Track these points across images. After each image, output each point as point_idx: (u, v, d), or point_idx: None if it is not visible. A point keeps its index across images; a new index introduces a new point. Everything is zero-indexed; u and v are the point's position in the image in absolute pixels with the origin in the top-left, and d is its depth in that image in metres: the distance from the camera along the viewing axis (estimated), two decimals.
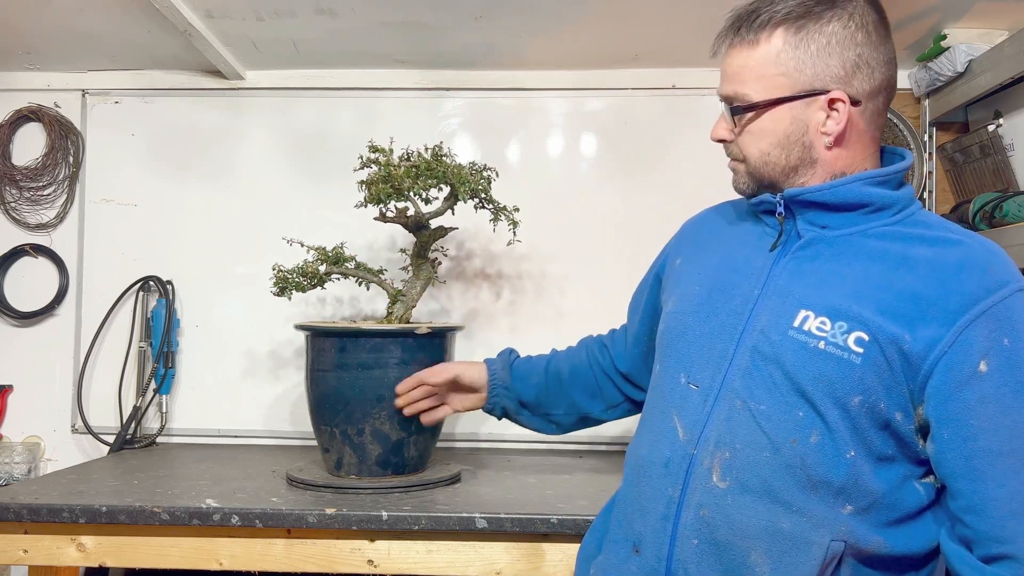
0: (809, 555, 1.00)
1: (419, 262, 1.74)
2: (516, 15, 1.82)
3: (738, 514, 1.03)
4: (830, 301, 1.04)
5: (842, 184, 1.08)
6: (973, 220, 1.80)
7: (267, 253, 1.93)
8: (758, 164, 1.13)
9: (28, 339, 2.21)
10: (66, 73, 2.23)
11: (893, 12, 1.77)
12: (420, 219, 1.70)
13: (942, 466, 1.00)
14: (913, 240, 1.06)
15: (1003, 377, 0.97)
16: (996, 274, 1.01)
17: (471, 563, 1.46)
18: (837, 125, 1.07)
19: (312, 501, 1.51)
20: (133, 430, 2.10)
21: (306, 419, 1.74)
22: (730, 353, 1.09)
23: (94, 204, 2.22)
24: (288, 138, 2.19)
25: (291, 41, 1.99)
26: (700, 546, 1.05)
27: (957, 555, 1.00)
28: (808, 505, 1.01)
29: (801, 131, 1.09)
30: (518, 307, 2.13)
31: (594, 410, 1.53)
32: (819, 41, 1.06)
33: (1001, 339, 0.97)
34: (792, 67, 1.07)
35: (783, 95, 1.08)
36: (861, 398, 1.00)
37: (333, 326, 1.70)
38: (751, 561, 1.03)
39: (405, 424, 1.62)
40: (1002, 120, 1.85)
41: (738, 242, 1.20)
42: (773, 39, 1.08)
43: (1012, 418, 0.96)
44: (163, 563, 1.49)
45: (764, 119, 1.10)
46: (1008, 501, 0.96)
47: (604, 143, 2.16)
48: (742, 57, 1.10)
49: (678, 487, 1.08)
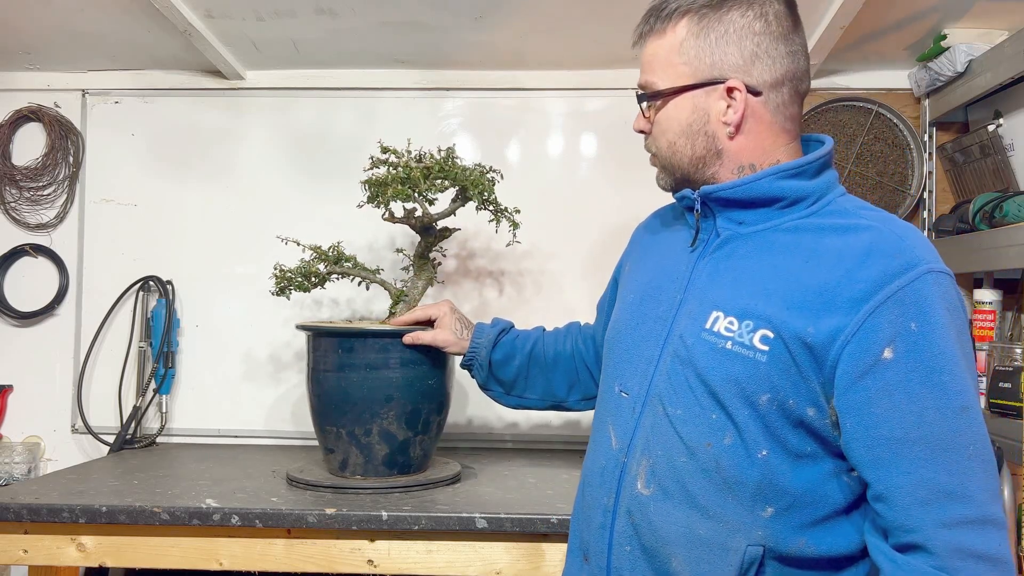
0: (725, 561, 1.00)
1: (421, 263, 1.74)
2: (516, 15, 1.82)
3: (659, 520, 1.04)
4: (740, 300, 1.03)
5: (754, 180, 1.07)
6: (973, 220, 1.80)
7: (267, 253, 1.93)
8: (667, 155, 1.13)
9: (28, 339, 2.21)
10: (66, 73, 2.23)
11: (893, 12, 1.78)
12: (428, 220, 1.70)
13: (851, 456, 0.98)
14: (824, 231, 1.04)
15: (910, 363, 0.94)
16: (904, 257, 0.97)
17: (471, 563, 1.46)
18: (735, 114, 1.07)
19: (312, 501, 1.51)
20: (133, 430, 2.10)
21: (306, 419, 1.74)
22: (655, 359, 1.09)
23: (94, 204, 2.22)
24: (288, 138, 2.19)
25: (291, 41, 1.99)
26: (632, 552, 1.07)
27: (873, 545, 0.98)
28: (725, 509, 1.01)
29: (703, 120, 1.09)
30: (519, 306, 2.14)
31: (569, 399, 1.55)
32: (718, 30, 1.07)
33: (908, 324, 0.94)
34: (693, 56, 1.08)
35: (685, 83, 1.09)
36: (769, 396, 0.99)
37: (336, 326, 1.70)
38: (673, 568, 1.03)
39: (412, 424, 1.62)
40: (1002, 120, 1.85)
41: (669, 245, 1.20)
42: (678, 28, 1.09)
43: (919, 404, 0.93)
44: (163, 563, 1.49)
45: (669, 108, 1.11)
46: (914, 489, 0.93)
47: (604, 143, 2.16)
48: (653, 47, 1.12)
49: (612, 495, 1.10)
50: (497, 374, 1.56)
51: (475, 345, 1.56)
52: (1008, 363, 1.67)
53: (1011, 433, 1.57)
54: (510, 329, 1.60)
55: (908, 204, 2.09)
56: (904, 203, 2.09)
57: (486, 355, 1.54)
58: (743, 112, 1.07)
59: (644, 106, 1.15)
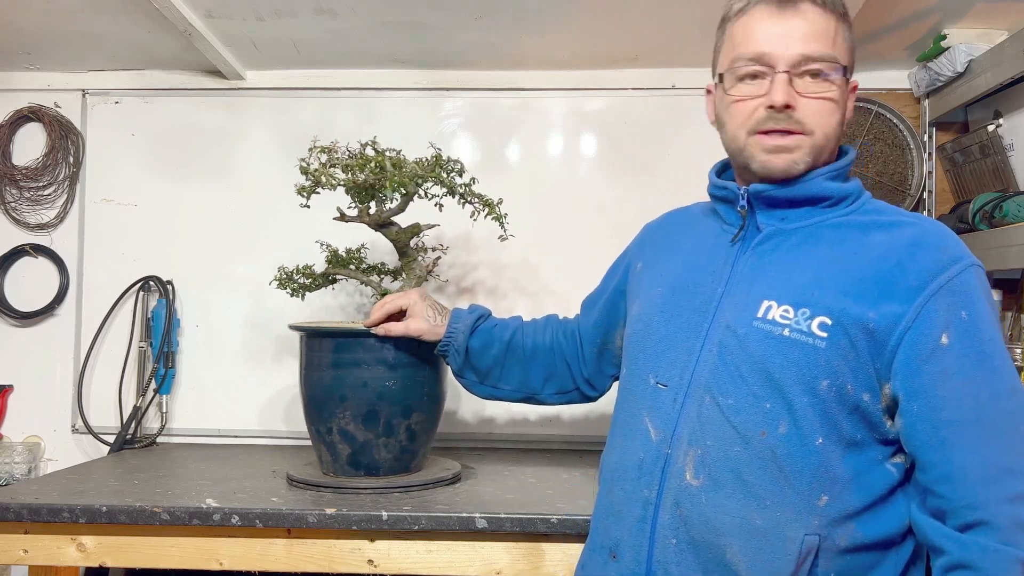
0: (784, 550, 1.01)
1: (406, 261, 1.73)
2: (516, 15, 1.82)
3: (712, 511, 1.04)
4: (792, 290, 1.06)
5: (805, 180, 1.10)
6: (973, 220, 1.80)
7: (267, 253, 1.93)
8: (830, 134, 1.11)
9: (28, 339, 2.21)
10: (66, 73, 2.23)
11: (893, 12, 1.78)
12: (379, 218, 1.68)
13: (912, 439, 1.01)
14: (867, 227, 1.09)
15: (963, 349, 0.99)
16: (950, 251, 1.03)
17: (471, 563, 1.46)
18: (851, 109, 1.14)
19: (312, 501, 1.51)
20: (133, 430, 2.10)
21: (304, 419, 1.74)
22: (697, 350, 1.10)
23: (94, 204, 2.22)
24: (288, 138, 2.19)
25: (291, 41, 1.99)
26: (679, 545, 1.06)
27: (931, 527, 1.01)
28: (782, 499, 1.02)
29: (844, 111, 1.13)
30: (517, 306, 2.13)
31: (543, 391, 1.55)
32: (851, 32, 1.14)
33: (959, 312, 1.00)
34: (849, 44, 1.12)
35: (851, 65, 1.12)
36: (828, 381, 1.02)
37: (323, 326, 1.70)
38: (727, 559, 1.03)
39: (370, 425, 1.61)
40: (1002, 120, 1.85)
41: (698, 242, 1.21)
42: (833, 15, 1.11)
43: (976, 387, 0.98)
44: (163, 563, 1.49)
45: (842, 87, 1.10)
46: (978, 468, 0.97)
47: (604, 143, 2.16)
48: (823, 21, 1.09)
49: (654, 488, 1.09)
50: (473, 362, 1.53)
51: (452, 331, 1.54)
52: None
53: None
54: (488, 316, 1.57)
55: (908, 204, 2.09)
56: (904, 203, 2.09)
57: (463, 341, 1.52)
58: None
59: (814, 80, 1.09)
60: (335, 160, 1.59)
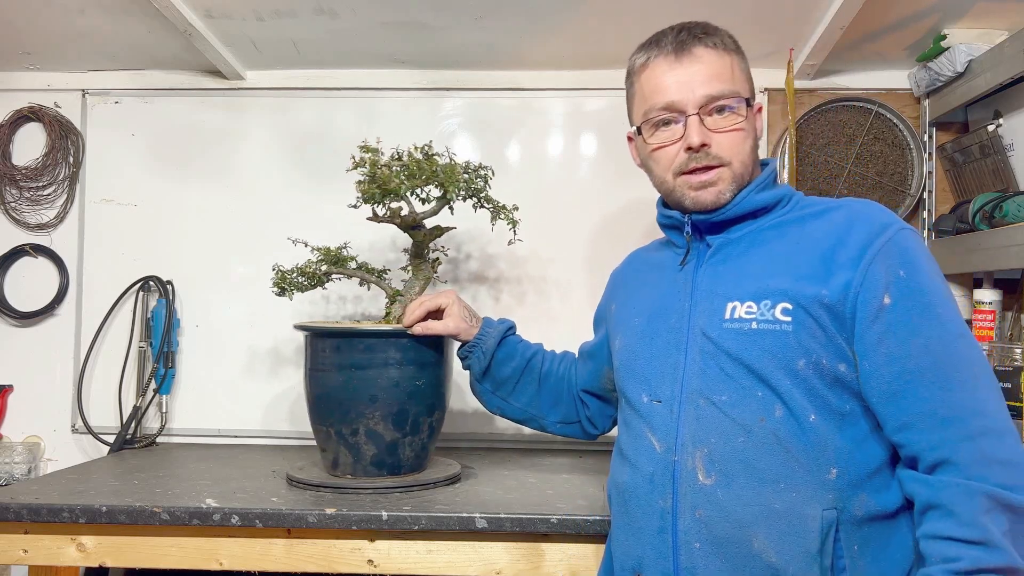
0: (807, 529, 1.04)
1: (417, 262, 1.74)
2: (516, 15, 1.82)
3: (732, 505, 1.07)
4: (750, 287, 1.14)
5: (739, 201, 1.20)
6: (973, 220, 1.80)
7: (267, 253, 1.93)
8: (748, 162, 1.21)
9: (28, 339, 2.21)
10: (66, 73, 2.23)
11: (893, 12, 1.78)
12: (414, 219, 1.69)
13: (871, 396, 1.07)
14: (803, 219, 1.19)
15: (906, 304, 1.05)
16: (880, 219, 1.12)
17: (471, 563, 1.46)
18: (763, 128, 1.25)
19: (312, 501, 1.51)
20: (133, 430, 2.10)
21: (306, 419, 1.74)
22: (682, 363, 1.17)
23: (94, 204, 2.22)
24: (288, 138, 2.19)
25: (291, 41, 1.99)
26: (703, 548, 1.08)
27: (905, 476, 1.06)
28: (795, 479, 1.06)
29: (755, 133, 1.24)
30: (517, 307, 2.13)
31: (549, 416, 1.62)
32: (746, 62, 1.25)
33: (897, 271, 1.06)
34: (747, 76, 1.24)
35: (754, 96, 1.24)
36: (804, 360, 1.08)
37: (330, 326, 1.70)
38: (755, 549, 1.06)
39: (399, 424, 1.62)
40: (1002, 120, 1.85)
41: (660, 272, 1.31)
42: (726, 52, 1.21)
43: (923, 338, 1.04)
44: (163, 563, 1.49)
45: (751, 116, 1.22)
46: (935, 411, 1.01)
47: (604, 143, 2.16)
48: (717, 60, 1.20)
49: (669, 497, 1.12)
50: (493, 370, 1.59)
51: (483, 334, 1.59)
52: (1008, 363, 1.67)
53: None
54: (515, 330, 1.64)
55: (908, 204, 2.09)
56: (904, 203, 2.09)
57: (492, 346, 1.57)
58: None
59: (721, 115, 1.19)
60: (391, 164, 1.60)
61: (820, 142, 2.09)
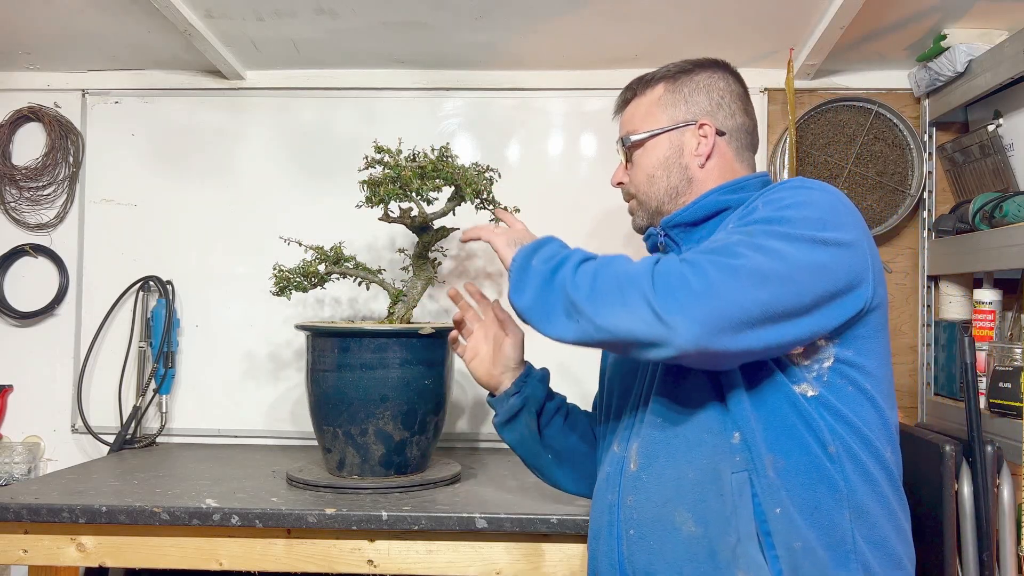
0: (721, 493, 1.06)
1: (420, 262, 1.74)
2: (516, 15, 1.82)
3: (653, 483, 1.13)
4: None
5: (701, 199, 1.23)
6: (973, 220, 1.80)
7: (267, 253, 1.93)
8: (645, 188, 1.29)
9: (28, 339, 2.21)
10: (66, 73, 2.23)
11: (893, 12, 1.78)
12: (424, 220, 1.70)
13: None
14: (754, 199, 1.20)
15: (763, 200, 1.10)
16: (788, 180, 1.17)
17: (471, 563, 1.46)
18: (706, 147, 1.25)
19: (312, 501, 1.51)
20: (133, 430, 2.10)
21: (306, 419, 1.74)
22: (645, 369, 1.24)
23: (94, 204, 2.22)
24: (288, 138, 2.19)
25: (291, 41, 1.99)
26: (636, 533, 1.13)
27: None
28: (703, 447, 1.09)
29: (678, 154, 1.26)
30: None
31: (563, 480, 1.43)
32: (690, 85, 1.28)
33: (767, 193, 1.12)
34: (670, 104, 1.28)
35: (663, 126, 1.28)
36: None
37: (335, 326, 1.70)
38: (677, 522, 1.09)
39: (408, 424, 1.62)
40: (1002, 120, 1.85)
41: None
42: (656, 89, 1.30)
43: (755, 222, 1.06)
44: (163, 563, 1.49)
45: (647, 148, 1.28)
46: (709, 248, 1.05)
47: (604, 143, 2.16)
48: (633, 106, 1.33)
49: (615, 491, 1.18)
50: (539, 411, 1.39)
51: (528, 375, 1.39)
52: (1008, 363, 1.67)
53: (1011, 433, 1.56)
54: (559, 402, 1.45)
55: (908, 204, 2.09)
56: (904, 203, 2.09)
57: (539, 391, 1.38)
58: (712, 147, 1.25)
59: (624, 154, 1.31)
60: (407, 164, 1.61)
61: (820, 142, 2.09)
